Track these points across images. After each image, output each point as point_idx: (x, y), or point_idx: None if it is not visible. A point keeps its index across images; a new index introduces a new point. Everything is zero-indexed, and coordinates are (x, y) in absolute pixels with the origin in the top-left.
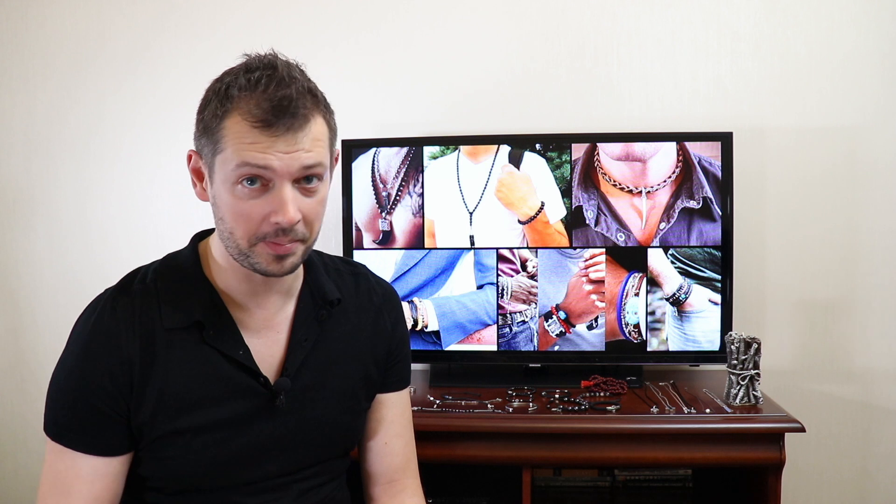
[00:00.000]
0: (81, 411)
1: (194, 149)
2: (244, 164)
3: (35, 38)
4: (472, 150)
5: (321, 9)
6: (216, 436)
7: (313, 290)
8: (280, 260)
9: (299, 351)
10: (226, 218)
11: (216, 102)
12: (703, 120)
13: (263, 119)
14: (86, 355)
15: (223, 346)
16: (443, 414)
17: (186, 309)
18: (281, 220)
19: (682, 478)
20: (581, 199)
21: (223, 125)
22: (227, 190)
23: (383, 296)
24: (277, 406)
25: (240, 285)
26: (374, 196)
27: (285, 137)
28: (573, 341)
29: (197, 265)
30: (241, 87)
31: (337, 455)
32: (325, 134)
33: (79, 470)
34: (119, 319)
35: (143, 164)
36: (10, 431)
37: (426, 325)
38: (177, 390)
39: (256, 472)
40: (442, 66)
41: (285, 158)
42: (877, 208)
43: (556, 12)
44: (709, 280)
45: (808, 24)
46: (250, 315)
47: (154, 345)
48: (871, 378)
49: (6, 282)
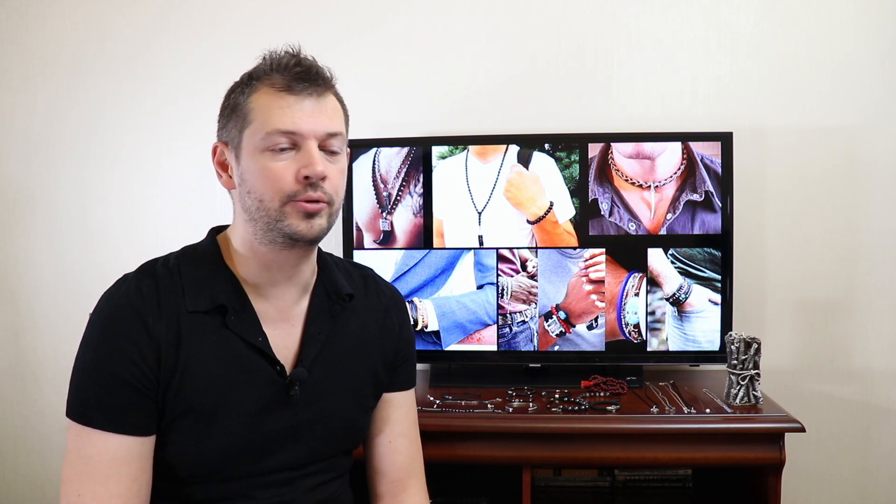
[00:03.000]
0: (109, 386)
1: (218, 140)
2: (274, 132)
3: (35, 38)
4: (482, 149)
5: (321, 8)
6: (228, 422)
7: (327, 285)
8: (309, 219)
9: (314, 344)
10: (255, 187)
11: (242, 87)
12: (704, 120)
13: (288, 85)
14: (112, 330)
15: (244, 331)
16: (443, 414)
17: (209, 293)
18: (310, 172)
19: (682, 478)
20: (597, 192)
21: (250, 100)
22: (255, 158)
23: (391, 297)
24: (292, 396)
25: (260, 273)
26: (375, 196)
27: (309, 100)
28: (573, 341)
29: (218, 254)
30: (266, 67)
31: (343, 451)
32: (342, 113)
33: (113, 452)
34: (145, 298)
35: (143, 164)
36: (10, 431)
37: (426, 325)
38: (198, 371)
39: (267, 464)
40: (441, 67)
41: (310, 121)
42: (877, 208)
43: (556, 12)
44: (709, 280)
45: (808, 24)
46: (269, 305)
47: (178, 326)
48: (871, 378)
49: (6, 282)
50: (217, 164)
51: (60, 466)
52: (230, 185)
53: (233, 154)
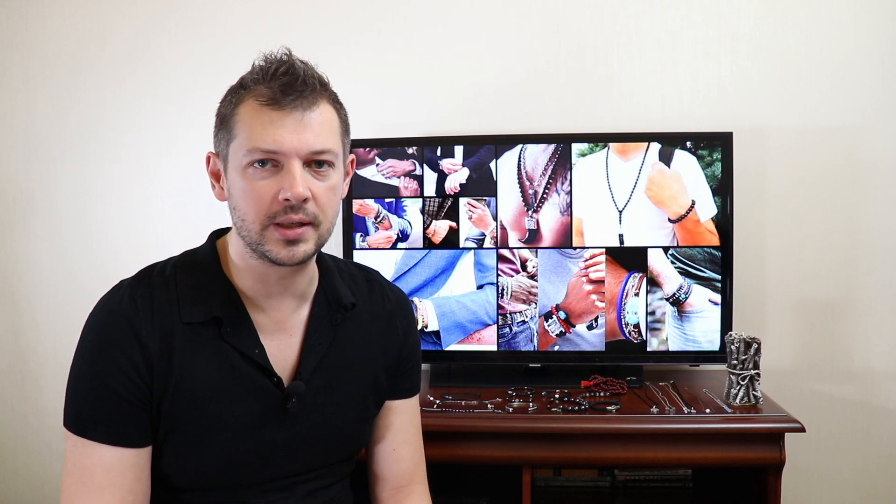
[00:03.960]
0: (103, 398)
1: (213, 151)
2: (255, 149)
3: (35, 38)
4: (622, 147)
5: (322, 8)
6: (227, 434)
7: (328, 294)
8: (290, 245)
9: (313, 355)
10: (239, 204)
11: (231, 95)
12: (704, 120)
13: (272, 98)
14: (105, 341)
15: (240, 343)
16: (443, 414)
17: (205, 304)
18: (289, 194)
19: (682, 478)
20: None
21: (237, 111)
22: (240, 175)
23: (396, 302)
24: (289, 409)
25: (254, 285)
26: (521, 194)
27: (293, 115)
28: (573, 341)
29: (216, 262)
30: (255, 77)
31: (343, 458)
32: (336, 123)
33: (108, 463)
34: (139, 309)
35: (143, 164)
36: (10, 431)
37: (426, 325)
38: (193, 384)
39: (264, 474)
40: (442, 67)
41: (293, 139)
42: (877, 208)
43: (556, 12)
44: (709, 280)
45: (808, 24)
46: (265, 316)
47: (172, 338)
48: (871, 378)
49: (6, 282)
50: (211, 174)
51: (60, 467)
52: (222, 196)
53: (223, 166)
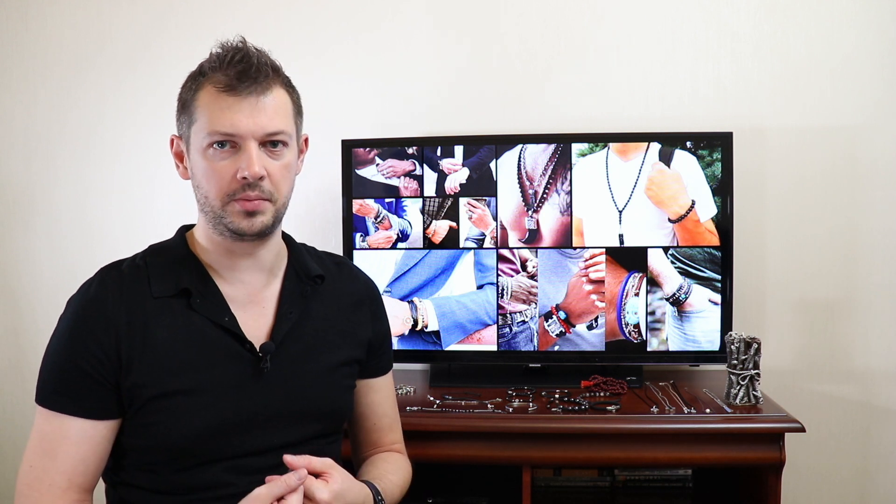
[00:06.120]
0: (69, 374)
1: (175, 133)
2: (214, 132)
3: (35, 38)
4: (622, 147)
5: (321, 8)
6: (203, 399)
7: (297, 268)
8: (250, 217)
9: (284, 322)
10: (202, 183)
11: (191, 81)
12: (704, 120)
13: (229, 84)
14: (74, 323)
15: (209, 312)
16: (443, 414)
17: (174, 278)
18: (246, 173)
19: (682, 478)
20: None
21: (196, 97)
22: (201, 156)
23: (365, 284)
24: (263, 371)
25: (221, 259)
26: (521, 194)
27: (249, 100)
28: (573, 341)
29: (183, 245)
30: (213, 64)
31: (324, 433)
32: (289, 106)
33: (66, 431)
34: (107, 288)
35: (143, 164)
36: (10, 431)
37: (426, 325)
38: (165, 354)
39: (245, 445)
40: (442, 67)
41: (249, 122)
42: (877, 208)
43: (556, 11)
44: (709, 280)
45: (808, 24)
46: (234, 289)
47: (143, 312)
48: (871, 378)
49: (6, 282)
50: (175, 155)
51: None
52: (185, 175)
53: (185, 147)
